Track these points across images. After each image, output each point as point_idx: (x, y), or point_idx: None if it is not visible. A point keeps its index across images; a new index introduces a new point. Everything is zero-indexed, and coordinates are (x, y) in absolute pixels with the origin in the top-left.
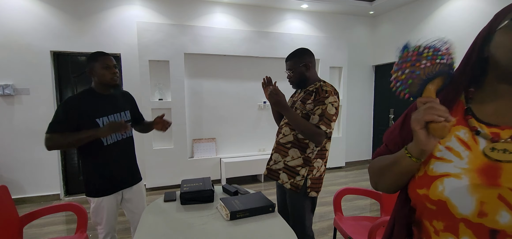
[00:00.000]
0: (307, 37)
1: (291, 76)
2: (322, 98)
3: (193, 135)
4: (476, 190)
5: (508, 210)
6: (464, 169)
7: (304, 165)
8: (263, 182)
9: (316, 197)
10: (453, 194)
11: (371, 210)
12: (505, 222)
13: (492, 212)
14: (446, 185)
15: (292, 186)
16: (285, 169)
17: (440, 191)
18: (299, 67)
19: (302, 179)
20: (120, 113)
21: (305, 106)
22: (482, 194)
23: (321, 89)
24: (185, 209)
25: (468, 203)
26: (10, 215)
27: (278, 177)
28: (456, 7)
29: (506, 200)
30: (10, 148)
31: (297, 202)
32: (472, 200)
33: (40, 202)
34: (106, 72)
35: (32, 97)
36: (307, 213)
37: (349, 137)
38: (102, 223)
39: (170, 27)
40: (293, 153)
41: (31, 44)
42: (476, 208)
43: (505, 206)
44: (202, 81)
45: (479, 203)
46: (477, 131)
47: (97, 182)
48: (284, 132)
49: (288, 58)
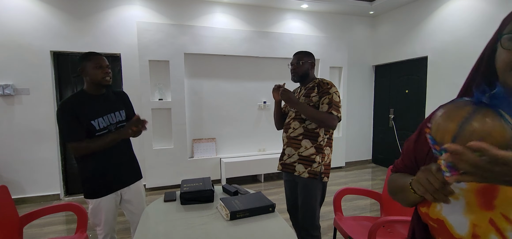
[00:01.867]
0: (307, 37)
1: (297, 67)
2: (326, 89)
3: (193, 135)
4: (471, 212)
5: (498, 235)
6: (462, 189)
7: (318, 153)
8: (263, 182)
9: (326, 185)
10: (450, 214)
11: (371, 210)
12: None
13: (484, 235)
14: (443, 205)
15: (310, 173)
16: (301, 160)
17: (438, 211)
18: (307, 63)
19: (319, 165)
20: (115, 113)
21: (311, 99)
22: (476, 216)
23: (322, 82)
24: (185, 209)
25: (463, 224)
26: (10, 215)
27: (294, 169)
28: (456, 7)
29: (496, 225)
30: (10, 148)
31: (311, 190)
32: (466, 221)
33: (40, 202)
34: (98, 71)
35: (32, 97)
36: (318, 204)
37: (349, 137)
38: (101, 224)
39: (170, 27)
40: (306, 143)
41: (31, 44)
42: (469, 229)
43: (495, 231)
44: (202, 81)
45: (472, 225)
46: None
47: (94, 183)
48: (294, 126)
49: (299, 53)
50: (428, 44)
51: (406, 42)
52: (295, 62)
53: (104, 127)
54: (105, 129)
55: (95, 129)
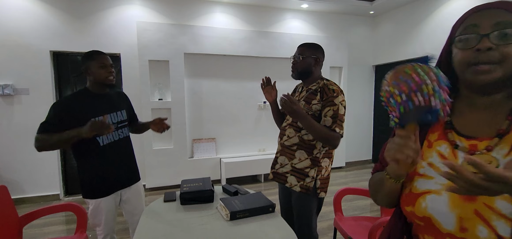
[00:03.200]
0: (307, 37)
1: (297, 62)
2: (330, 98)
3: (193, 135)
4: (455, 206)
5: (485, 225)
6: (444, 185)
7: (313, 166)
8: (263, 182)
9: (323, 198)
10: (435, 211)
11: (371, 210)
12: (484, 236)
13: (471, 227)
14: (429, 201)
15: (302, 188)
16: (293, 172)
17: (424, 208)
18: (310, 57)
19: (313, 181)
20: (117, 113)
21: (311, 107)
22: (461, 209)
23: (327, 88)
24: (185, 209)
25: (450, 219)
26: (10, 215)
27: (285, 180)
28: (456, 7)
29: (482, 215)
30: (10, 148)
31: (306, 203)
32: (453, 216)
33: (40, 202)
34: (102, 71)
35: (32, 97)
36: (314, 214)
37: (349, 137)
38: (101, 224)
39: (170, 27)
40: (300, 154)
41: (31, 44)
42: (456, 224)
43: (481, 221)
44: (202, 81)
45: (459, 218)
46: (456, 145)
47: (94, 184)
48: (288, 134)
49: (303, 45)
50: (428, 44)
51: (406, 42)
52: (296, 55)
53: None
54: None
55: None
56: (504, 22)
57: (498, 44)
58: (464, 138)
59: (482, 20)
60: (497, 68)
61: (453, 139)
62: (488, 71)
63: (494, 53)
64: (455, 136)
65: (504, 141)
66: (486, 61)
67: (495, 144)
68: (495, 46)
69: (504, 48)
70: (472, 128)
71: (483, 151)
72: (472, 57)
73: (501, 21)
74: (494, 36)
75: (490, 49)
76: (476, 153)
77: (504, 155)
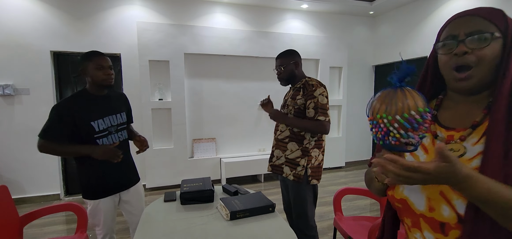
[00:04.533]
0: (307, 37)
1: (281, 72)
2: (310, 92)
3: (193, 135)
4: (425, 188)
5: (447, 204)
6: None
7: (303, 156)
8: (263, 182)
9: (317, 186)
10: (410, 193)
11: (371, 210)
12: (447, 215)
13: (437, 207)
14: (406, 185)
15: (295, 176)
16: (287, 162)
17: (401, 191)
18: (290, 65)
19: (303, 169)
20: (116, 115)
21: (296, 102)
22: (429, 191)
23: (308, 84)
24: (185, 209)
25: (421, 200)
26: (10, 215)
27: (282, 171)
28: (456, 7)
29: (446, 196)
30: (10, 148)
31: (299, 191)
32: (423, 197)
33: (40, 202)
34: (99, 73)
35: (32, 98)
36: (309, 202)
37: (349, 137)
38: (100, 224)
39: (170, 27)
40: (292, 146)
41: (31, 44)
42: (426, 204)
43: (445, 201)
44: (202, 81)
45: (427, 199)
46: (436, 135)
47: (93, 185)
48: (281, 128)
49: (279, 56)
50: (428, 44)
51: (406, 42)
52: (278, 67)
53: (104, 129)
54: (105, 130)
55: (94, 130)
56: (478, 29)
57: (474, 48)
58: (444, 129)
59: (460, 27)
60: (475, 71)
61: (435, 130)
62: (465, 78)
63: (470, 57)
64: (437, 127)
65: (476, 132)
66: (464, 64)
67: (468, 134)
68: (470, 50)
69: (479, 52)
70: (453, 120)
71: (457, 141)
72: (452, 61)
73: (476, 28)
74: (469, 41)
75: (466, 53)
76: (451, 142)
77: (473, 143)
